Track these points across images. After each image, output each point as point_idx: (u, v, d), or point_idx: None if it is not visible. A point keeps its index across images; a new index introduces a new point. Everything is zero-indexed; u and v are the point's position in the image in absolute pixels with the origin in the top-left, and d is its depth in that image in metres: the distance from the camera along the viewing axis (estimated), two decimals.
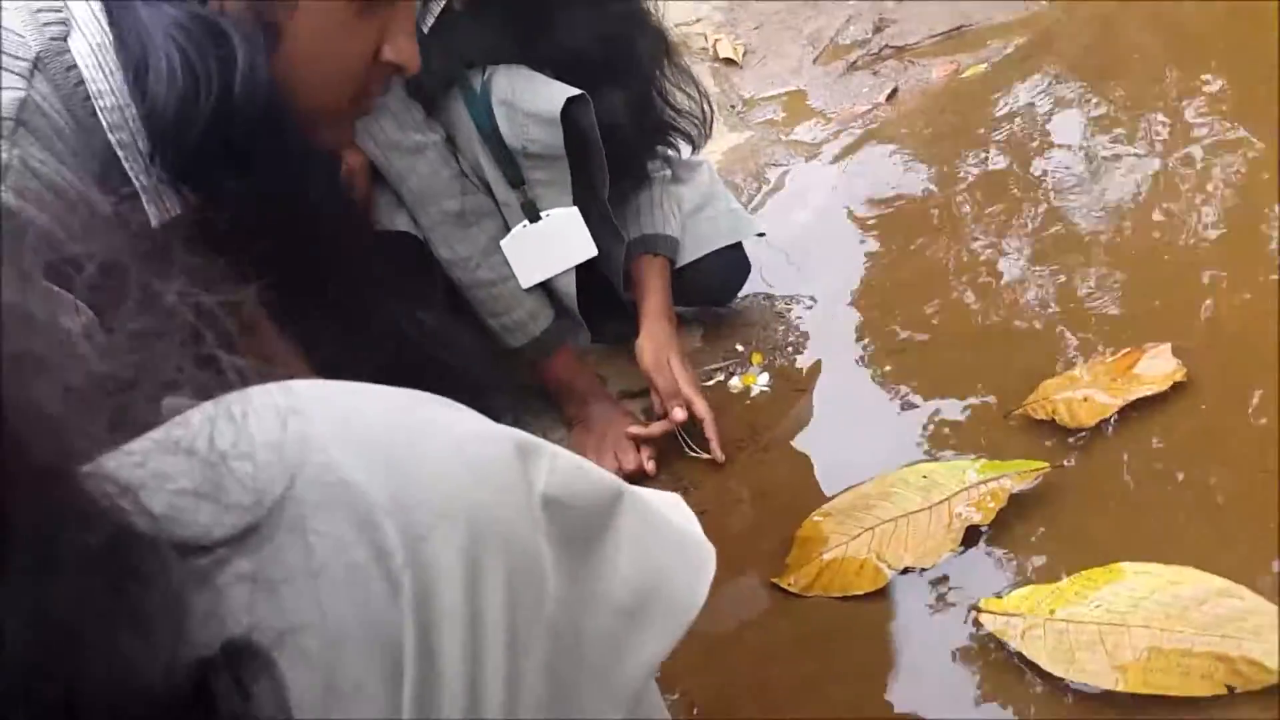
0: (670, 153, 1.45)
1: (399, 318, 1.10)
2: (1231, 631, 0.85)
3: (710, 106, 1.42)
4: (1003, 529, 1.06)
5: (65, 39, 0.73)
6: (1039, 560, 1.02)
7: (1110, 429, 1.13)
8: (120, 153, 0.74)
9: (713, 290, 1.57)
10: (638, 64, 1.29)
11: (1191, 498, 1.03)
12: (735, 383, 1.45)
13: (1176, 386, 1.13)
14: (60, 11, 0.74)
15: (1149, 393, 1.13)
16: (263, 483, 0.35)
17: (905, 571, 1.05)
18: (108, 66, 0.73)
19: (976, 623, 0.96)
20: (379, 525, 0.35)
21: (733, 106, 2.30)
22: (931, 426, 1.26)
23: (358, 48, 0.79)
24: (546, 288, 1.35)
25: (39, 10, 0.73)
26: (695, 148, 1.44)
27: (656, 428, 1.33)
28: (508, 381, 1.26)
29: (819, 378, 1.43)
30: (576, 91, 1.21)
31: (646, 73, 1.30)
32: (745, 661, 1.04)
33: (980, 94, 1.91)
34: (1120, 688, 0.85)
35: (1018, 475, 1.09)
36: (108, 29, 0.73)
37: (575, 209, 1.26)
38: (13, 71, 0.69)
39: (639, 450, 1.34)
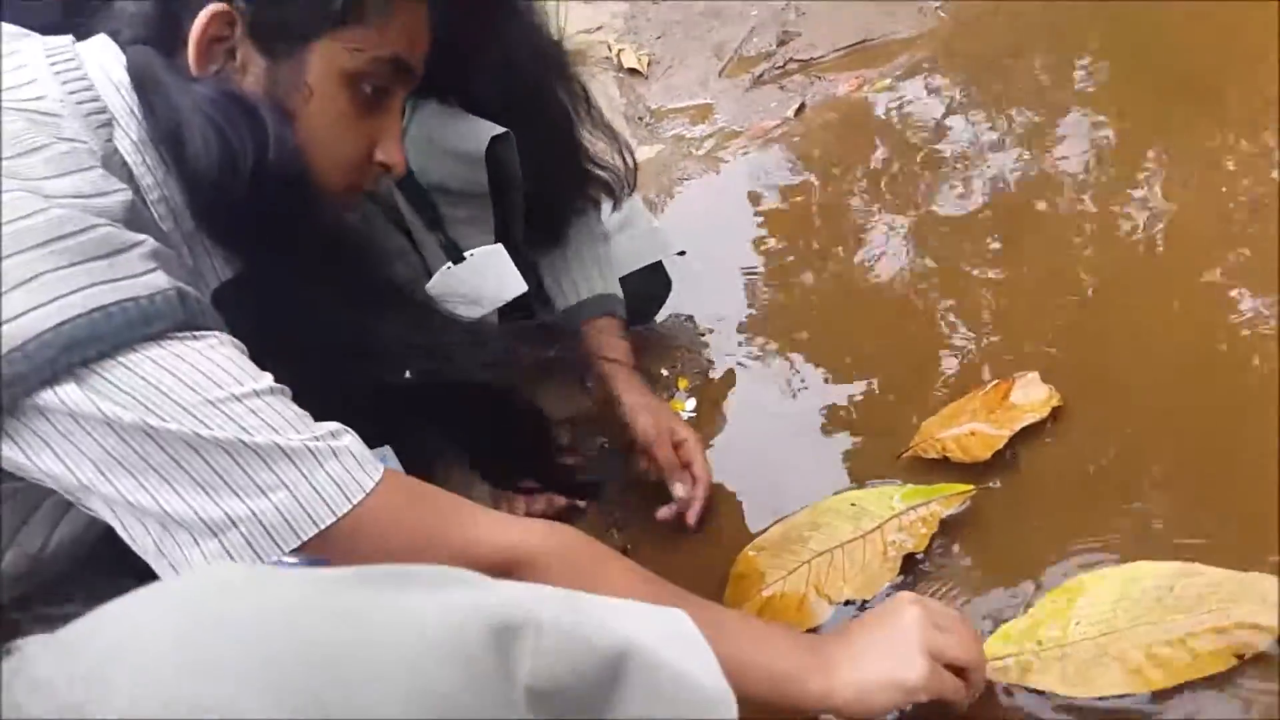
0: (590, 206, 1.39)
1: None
2: (1214, 604, 0.88)
3: (632, 158, 1.38)
4: (939, 554, 1.08)
5: (112, 138, 0.77)
6: (980, 583, 1.04)
7: (1009, 453, 1.15)
8: (170, 239, 0.79)
9: (635, 310, 1.56)
10: (556, 114, 1.25)
11: (1112, 501, 1.07)
12: None
13: (1055, 410, 1.18)
14: (103, 110, 0.77)
15: (1033, 420, 1.17)
16: None
17: (848, 604, 1.05)
18: (151, 159, 0.78)
19: None
20: None
21: (640, 118, 2.30)
22: (854, 451, 1.28)
23: (356, 144, 0.86)
24: None
25: (87, 112, 0.76)
26: (616, 201, 1.39)
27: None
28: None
29: (743, 402, 1.43)
30: (501, 130, 1.18)
31: (565, 123, 1.26)
32: None
33: (884, 110, 1.95)
34: (1150, 688, 0.87)
35: (945, 500, 1.12)
36: (143, 120, 0.78)
37: (500, 245, 1.23)
38: (105, 173, 0.74)
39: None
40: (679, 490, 1.23)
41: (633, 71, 2.45)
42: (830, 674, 0.81)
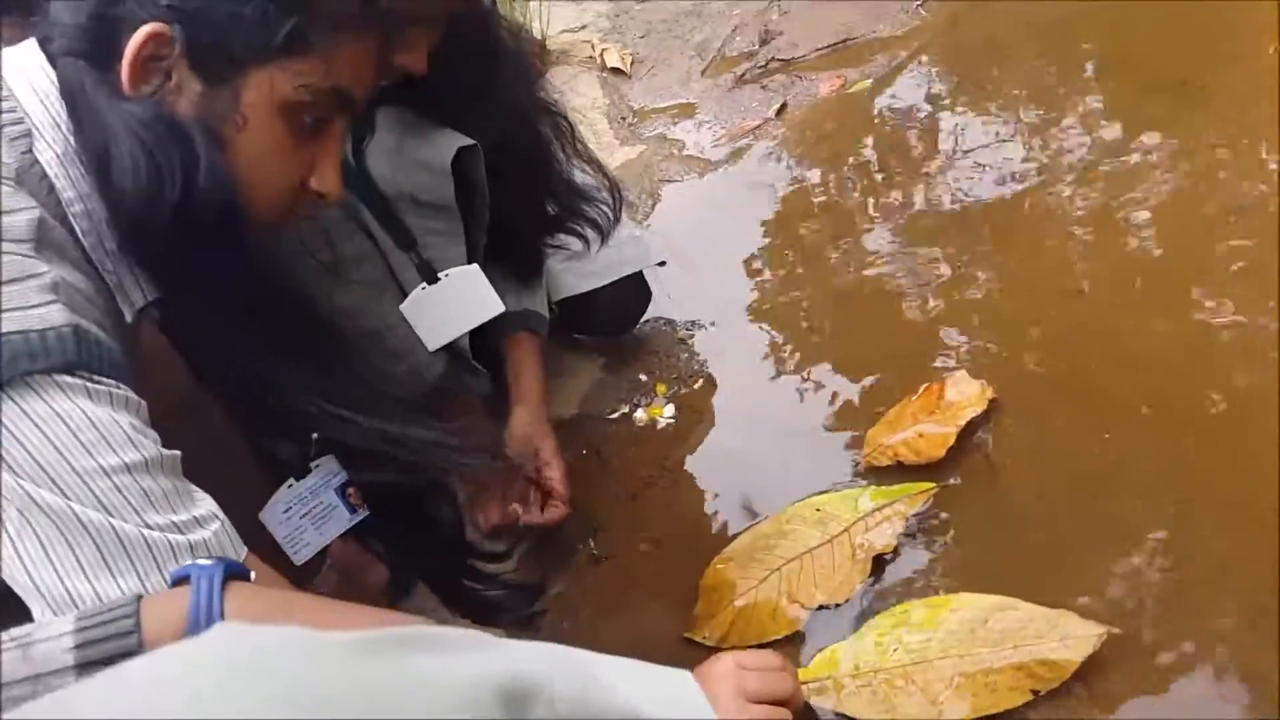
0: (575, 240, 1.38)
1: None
2: (1019, 641, 0.92)
3: (619, 194, 1.36)
4: (907, 553, 1.09)
5: (31, 149, 0.75)
6: (951, 581, 1.05)
7: (964, 451, 1.17)
8: (92, 255, 0.78)
9: (615, 319, 1.57)
10: (542, 152, 1.25)
11: (1070, 495, 1.08)
12: (640, 415, 1.45)
13: (992, 403, 1.20)
14: (21, 120, 0.75)
15: (975, 414, 1.19)
16: None
17: (821, 608, 1.06)
18: (75, 173, 0.76)
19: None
20: None
21: (623, 118, 2.30)
22: (831, 456, 1.29)
23: (289, 172, 0.83)
24: None
25: (3, 124, 0.75)
26: (603, 236, 1.37)
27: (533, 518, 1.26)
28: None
29: (723, 407, 1.44)
30: (469, 141, 1.18)
31: (549, 162, 1.26)
32: None
33: (865, 110, 1.96)
34: (946, 719, 0.90)
35: (909, 499, 1.13)
36: (69, 133, 0.76)
37: (475, 266, 1.22)
38: (13, 189, 0.71)
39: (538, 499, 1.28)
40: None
41: (616, 71, 2.46)
42: None
